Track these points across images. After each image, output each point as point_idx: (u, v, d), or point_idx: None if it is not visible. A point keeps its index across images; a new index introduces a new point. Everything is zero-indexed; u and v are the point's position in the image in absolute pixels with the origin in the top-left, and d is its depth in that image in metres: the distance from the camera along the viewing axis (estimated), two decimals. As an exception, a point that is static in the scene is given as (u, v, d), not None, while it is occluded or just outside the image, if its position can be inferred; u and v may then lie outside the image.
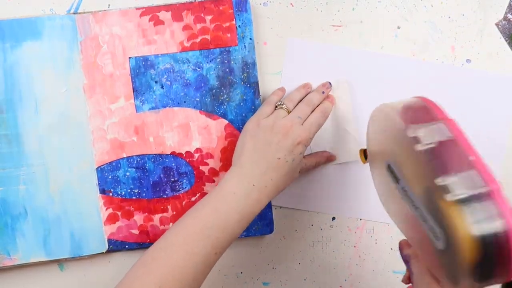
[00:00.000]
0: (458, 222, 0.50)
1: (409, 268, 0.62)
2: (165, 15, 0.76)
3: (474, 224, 0.50)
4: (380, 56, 0.79)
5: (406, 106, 0.59)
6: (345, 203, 0.81)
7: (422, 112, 0.59)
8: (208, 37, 0.76)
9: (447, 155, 0.54)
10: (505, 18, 0.79)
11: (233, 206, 0.67)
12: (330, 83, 0.78)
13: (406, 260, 0.63)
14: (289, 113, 0.73)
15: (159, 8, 0.76)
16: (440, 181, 0.52)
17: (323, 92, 0.77)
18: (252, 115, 0.76)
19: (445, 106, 0.78)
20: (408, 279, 0.65)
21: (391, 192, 0.63)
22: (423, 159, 0.54)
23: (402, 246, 0.64)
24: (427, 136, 0.54)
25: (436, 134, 0.54)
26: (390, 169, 0.62)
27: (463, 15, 0.79)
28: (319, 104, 0.76)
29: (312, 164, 0.78)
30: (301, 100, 0.75)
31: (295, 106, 0.74)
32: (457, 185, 0.51)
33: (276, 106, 0.74)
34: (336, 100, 0.78)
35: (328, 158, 0.79)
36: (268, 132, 0.70)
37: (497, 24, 0.80)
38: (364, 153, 0.70)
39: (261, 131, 0.71)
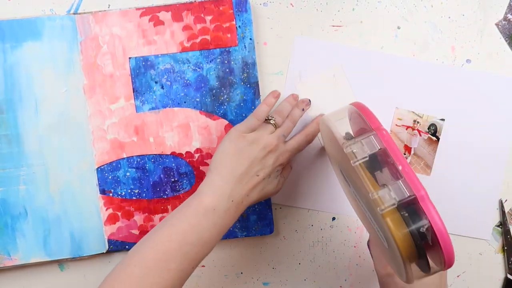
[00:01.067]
0: (392, 230, 0.57)
1: (370, 253, 0.73)
2: (165, 16, 0.76)
3: (404, 227, 0.57)
4: (384, 55, 0.79)
5: (340, 116, 0.66)
6: (345, 202, 0.81)
7: (356, 121, 0.65)
8: (208, 37, 0.76)
9: (378, 157, 0.60)
10: (505, 18, 0.79)
11: (214, 221, 0.66)
12: (309, 101, 0.78)
13: (368, 245, 0.74)
14: (276, 128, 0.73)
15: (159, 8, 0.76)
16: (372, 196, 0.57)
17: (303, 109, 0.77)
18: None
19: (449, 107, 0.79)
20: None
21: (348, 192, 0.71)
22: (359, 173, 0.59)
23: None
24: (360, 151, 0.60)
25: (367, 147, 0.59)
26: (342, 173, 0.69)
27: (463, 15, 0.79)
28: (305, 127, 0.76)
29: (286, 178, 0.77)
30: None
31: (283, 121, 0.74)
32: (387, 197, 0.57)
33: (267, 119, 0.73)
34: (336, 88, 0.79)
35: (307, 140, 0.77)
36: (254, 147, 0.69)
37: (497, 24, 0.80)
38: None
39: (247, 145, 0.69)
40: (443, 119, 0.79)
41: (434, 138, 0.79)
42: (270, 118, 0.73)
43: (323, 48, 0.79)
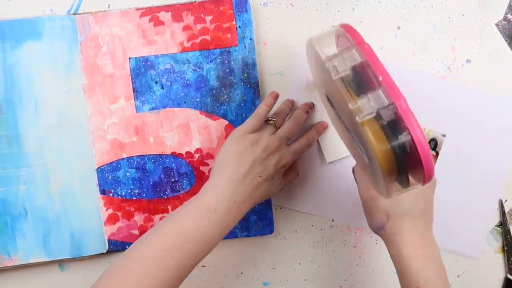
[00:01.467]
0: (371, 138, 0.56)
1: (354, 177, 0.73)
2: (165, 16, 0.76)
3: (384, 138, 0.56)
4: (390, 66, 0.78)
5: (325, 36, 0.64)
6: (345, 208, 0.81)
7: (340, 40, 0.63)
8: (208, 37, 0.76)
9: (361, 75, 0.59)
10: (505, 18, 0.79)
11: (215, 222, 0.66)
12: (313, 104, 0.78)
13: (352, 171, 0.73)
14: (277, 129, 0.73)
15: (159, 8, 0.76)
16: (352, 105, 0.57)
17: (307, 112, 0.77)
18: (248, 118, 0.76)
19: (451, 123, 0.78)
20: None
21: (334, 118, 0.71)
22: (340, 86, 0.58)
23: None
24: (341, 64, 0.59)
25: (348, 61, 0.59)
26: (327, 98, 0.69)
27: (463, 15, 0.79)
28: (307, 131, 0.77)
29: (292, 177, 0.77)
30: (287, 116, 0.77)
31: (284, 122, 0.74)
32: (366, 106, 0.56)
33: (267, 120, 0.73)
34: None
35: (309, 144, 0.78)
36: (255, 148, 0.69)
37: (497, 24, 0.80)
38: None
39: (248, 146, 0.69)
40: (444, 135, 0.79)
41: (434, 153, 0.79)
42: (270, 118, 0.73)
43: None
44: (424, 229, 0.68)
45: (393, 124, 0.56)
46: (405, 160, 0.57)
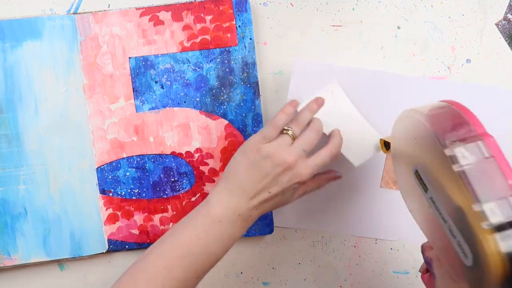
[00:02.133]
0: (491, 247, 0.50)
1: (431, 271, 0.63)
2: (165, 15, 0.76)
3: (505, 247, 0.50)
4: (382, 73, 0.78)
5: (437, 113, 0.58)
6: (341, 220, 0.81)
7: (457, 122, 0.57)
8: (208, 37, 0.76)
9: (484, 178, 0.53)
10: (505, 18, 0.79)
11: (220, 233, 0.65)
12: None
13: (427, 262, 0.64)
14: (294, 139, 0.67)
15: (159, 8, 0.76)
16: (477, 207, 0.51)
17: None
18: (251, 117, 0.76)
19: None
20: (426, 271, 0.66)
21: (417, 196, 0.61)
22: (458, 179, 0.53)
23: (424, 248, 0.65)
24: (465, 156, 0.53)
25: (474, 154, 0.53)
26: (418, 175, 0.60)
27: (463, 15, 0.79)
28: (328, 143, 0.69)
29: (311, 189, 0.71)
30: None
31: (302, 132, 0.68)
32: (494, 212, 0.51)
33: (283, 130, 0.67)
34: (337, 105, 0.74)
35: (332, 179, 0.73)
36: (269, 161, 0.65)
37: (497, 24, 0.80)
38: (385, 144, 0.69)
39: (261, 159, 0.65)
40: None
41: None
42: (287, 128, 0.67)
43: (322, 69, 0.77)
44: None
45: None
46: None
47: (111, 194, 0.77)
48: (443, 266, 0.62)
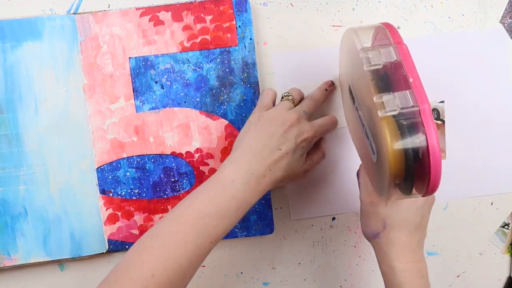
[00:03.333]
0: (386, 135, 0.57)
1: (358, 181, 0.72)
2: (165, 15, 0.76)
3: (399, 138, 0.57)
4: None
5: (365, 30, 0.65)
6: (345, 201, 0.81)
7: (381, 37, 0.64)
8: (208, 37, 0.76)
9: (390, 76, 0.60)
10: (504, 19, 0.79)
11: (232, 193, 0.65)
12: (332, 82, 0.78)
13: (357, 174, 0.73)
14: (295, 105, 0.72)
15: (159, 8, 0.76)
16: (377, 98, 0.58)
17: (325, 90, 0.76)
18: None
19: (443, 87, 0.78)
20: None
21: (351, 114, 0.71)
22: (369, 79, 0.59)
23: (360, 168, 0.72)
24: (375, 57, 0.60)
25: (383, 56, 0.59)
26: (350, 90, 0.69)
27: (463, 15, 0.79)
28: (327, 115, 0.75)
29: (317, 158, 0.75)
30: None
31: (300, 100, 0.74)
32: (390, 103, 0.57)
33: (283, 97, 0.73)
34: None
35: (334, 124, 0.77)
36: (274, 122, 0.69)
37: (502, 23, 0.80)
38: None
39: (266, 121, 0.69)
40: (442, 101, 0.79)
41: (440, 122, 0.79)
42: (287, 94, 0.73)
43: (300, 57, 0.78)
44: (417, 244, 0.68)
45: (412, 128, 0.57)
46: (414, 167, 0.57)
47: (111, 194, 0.77)
48: (365, 176, 0.70)
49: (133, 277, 0.61)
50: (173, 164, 0.77)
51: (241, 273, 0.82)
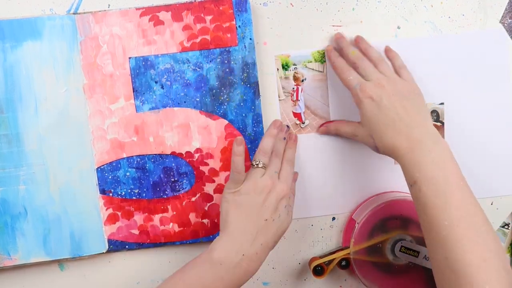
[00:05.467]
0: None
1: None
2: (165, 15, 0.76)
3: None
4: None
5: None
6: (345, 201, 0.81)
7: None
8: (208, 37, 0.76)
9: None
10: (504, 19, 0.79)
11: (221, 276, 0.66)
12: (288, 126, 0.78)
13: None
14: (265, 169, 0.71)
15: (159, 8, 0.76)
16: None
17: (284, 138, 0.76)
18: (251, 117, 0.76)
19: (443, 89, 0.78)
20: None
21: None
22: None
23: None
24: None
25: None
26: None
27: (463, 15, 0.79)
28: (283, 155, 0.74)
29: (292, 200, 0.75)
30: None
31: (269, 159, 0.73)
32: None
33: (253, 165, 0.72)
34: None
35: (295, 179, 0.78)
36: (252, 194, 0.69)
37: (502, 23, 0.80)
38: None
39: (243, 196, 0.69)
40: (442, 103, 0.79)
41: (439, 124, 0.79)
42: (257, 162, 0.71)
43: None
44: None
45: None
46: None
47: (111, 194, 0.77)
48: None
49: None
50: (173, 164, 0.77)
51: (241, 273, 0.82)
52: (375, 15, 0.79)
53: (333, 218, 0.82)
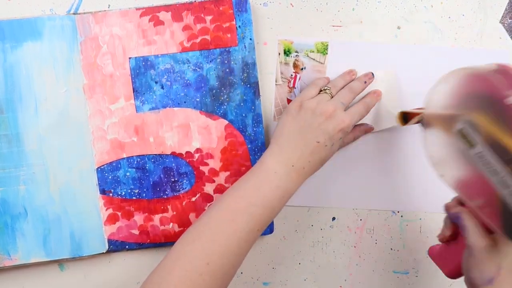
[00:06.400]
0: None
1: (460, 224, 0.64)
2: (165, 16, 0.76)
3: None
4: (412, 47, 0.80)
5: (494, 70, 0.59)
6: (346, 195, 0.81)
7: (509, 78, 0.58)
8: (208, 37, 0.76)
9: None
10: (504, 19, 0.79)
11: (276, 184, 0.68)
12: (372, 74, 0.77)
13: (455, 217, 0.64)
14: (332, 98, 0.73)
15: (159, 8, 0.76)
16: None
17: (365, 82, 0.76)
18: (251, 117, 0.76)
19: None
20: (445, 238, 0.68)
21: (455, 158, 0.63)
22: None
23: (449, 206, 0.66)
24: None
25: None
26: (462, 133, 0.61)
27: (463, 15, 0.79)
28: (363, 97, 0.76)
29: (349, 141, 0.78)
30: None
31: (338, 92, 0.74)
32: None
33: (321, 90, 0.74)
34: (382, 90, 0.78)
35: (366, 131, 0.79)
36: (310, 114, 0.70)
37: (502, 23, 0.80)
38: (404, 117, 0.75)
39: (303, 112, 0.71)
40: None
41: None
42: (325, 88, 0.74)
43: (356, 48, 0.79)
44: None
45: None
46: None
47: (111, 194, 0.77)
48: (473, 216, 0.63)
49: (187, 267, 0.64)
50: (173, 164, 0.77)
51: (241, 273, 0.82)
52: (375, 15, 0.79)
53: (333, 218, 0.82)
